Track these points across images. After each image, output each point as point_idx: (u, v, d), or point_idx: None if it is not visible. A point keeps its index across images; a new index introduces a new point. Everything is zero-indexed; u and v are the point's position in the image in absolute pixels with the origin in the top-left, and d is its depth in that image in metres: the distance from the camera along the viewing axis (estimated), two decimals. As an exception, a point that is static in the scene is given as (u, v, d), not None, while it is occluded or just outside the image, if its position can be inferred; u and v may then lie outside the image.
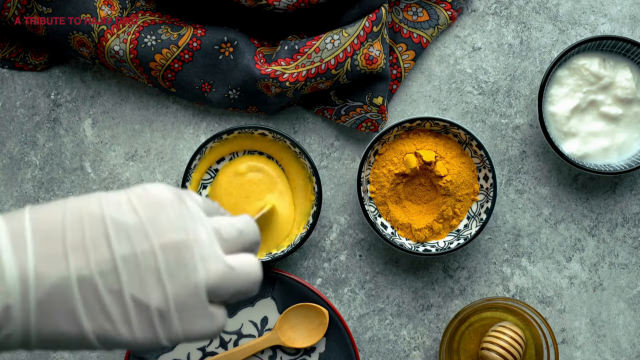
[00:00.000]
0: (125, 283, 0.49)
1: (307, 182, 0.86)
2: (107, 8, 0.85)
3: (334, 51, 0.83)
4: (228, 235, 0.53)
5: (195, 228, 0.51)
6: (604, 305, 0.88)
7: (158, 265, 0.50)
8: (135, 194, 0.52)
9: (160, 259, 0.50)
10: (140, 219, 0.50)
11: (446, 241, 0.85)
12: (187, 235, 0.51)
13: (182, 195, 0.53)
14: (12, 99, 0.88)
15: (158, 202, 0.51)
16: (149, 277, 0.49)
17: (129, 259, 0.49)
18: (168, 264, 0.50)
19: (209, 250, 0.51)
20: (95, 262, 0.49)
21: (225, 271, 0.51)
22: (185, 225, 0.51)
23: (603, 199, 0.88)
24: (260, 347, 0.85)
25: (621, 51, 0.84)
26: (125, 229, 0.50)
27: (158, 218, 0.51)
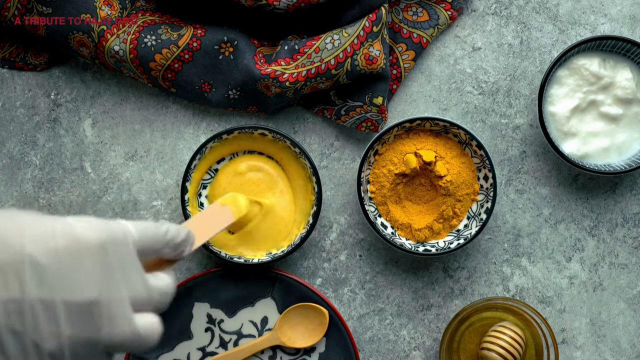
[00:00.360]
0: (27, 326, 0.48)
1: (307, 182, 0.86)
2: (107, 8, 0.85)
3: (334, 51, 0.83)
4: (141, 299, 0.53)
5: (109, 285, 0.51)
6: (604, 305, 0.88)
7: (62, 316, 0.49)
8: (62, 233, 0.50)
9: (65, 313, 0.49)
10: (59, 266, 0.49)
11: (446, 241, 0.85)
12: (99, 293, 0.51)
13: (110, 240, 0.52)
14: (12, 99, 0.88)
15: (80, 249, 0.51)
16: (51, 326, 0.49)
17: (35, 306, 0.49)
18: (73, 319, 0.50)
19: (117, 312, 0.51)
20: (3, 301, 0.48)
21: (130, 335, 0.52)
22: (98, 281, 0.51)
23: (603, 199, 0.88)
24: (260, 347, 0.85)
25: (621, 51, 0.84)
26: (41, 274, 0.49)
27: (76, 269, 0.50)
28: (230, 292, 0.86)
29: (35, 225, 0.50)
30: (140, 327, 0.53)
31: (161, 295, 0.55)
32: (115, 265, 0.52)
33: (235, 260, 0.84)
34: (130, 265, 0.53)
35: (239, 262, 0.84)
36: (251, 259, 0.84)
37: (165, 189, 0.88)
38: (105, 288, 0.51)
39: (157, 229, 0.57)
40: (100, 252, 0.51)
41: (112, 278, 0.51)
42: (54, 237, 0.50)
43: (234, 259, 0.84)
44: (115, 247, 0.52)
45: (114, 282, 0.52)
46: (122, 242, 0.53)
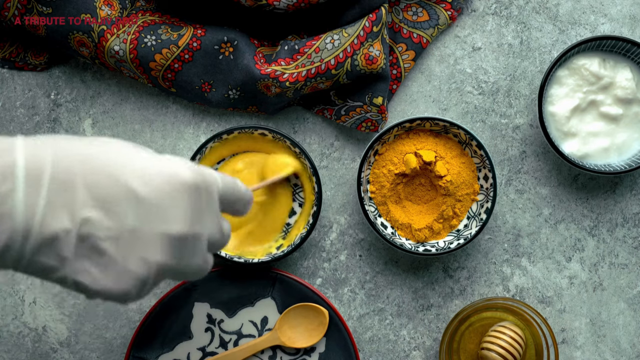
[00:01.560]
0: (121, 251, 0.53)
1: (307, 182, 0.86)
2: (107, 8, 0.85)
3: (334, 51, 0.83)
4: (215, 238, 0.59)
5: (196, 223, 0.56)
6: (604, 305, 0.88)
7: (153, 245, 0.54)
8: (160, 169, 0.55)
9: (156, 242, 0.54)
10: (156, 200, 0.54)
11: (446, 241, 0.85)
12: (188, 229, 0.55)
13: (203, 183, 0.57)
14: (12, 99, 0.88)
15: (178, 186, 0.55)
16: (142, 252, 0.54)
17: (133, 234, 0.53)
18: (162, 248, 0.54)
19: (198, 247, 0.57)
20: (102, 227, 0.52)
21: (200, 267, 0.58)
22: (190, 218, 0.55)
23: (603, 199, 0.88)
24: (260, 347, 0.85)
25: (621, 51, 0.84)
26: (141, 206, 0.53)
27: (172, 203, 0.54)
28: (230, 292, 0.86)
29: (135, 159, 0.54)
30: (208, 261, 0.59)
31: (227, 235, 0.61)
32: (203, 205, 0.57)
33: (235, 260, 0.84)
34: (214, 208, 0.58)
35: (239, 262, 0.84)
36: (251, 259, 0.84)
37: (165, 189, 0.88)
38: (193, 224, 0.56)
39: (234, 184, 0.62)
40: (194, 192, 0.56)
41: (199, 216, 0.56)
42: (154, 172, 0.54)
43: (234, 259, 0.84)
44: (206, 190, 0.57)
45: (201, 221, 0.57)
46: (212, 186, 0.58)
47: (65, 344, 0.88)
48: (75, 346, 0.88)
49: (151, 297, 0.87)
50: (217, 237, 0.59)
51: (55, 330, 0.88)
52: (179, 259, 0.56)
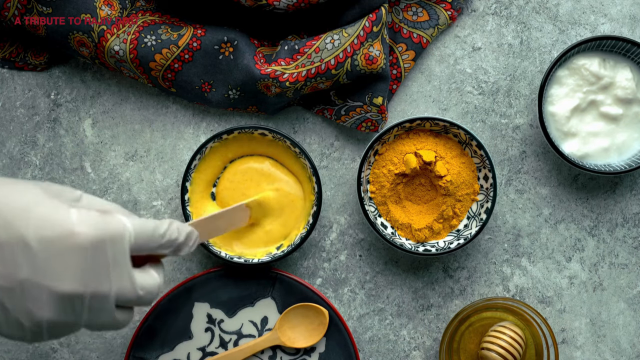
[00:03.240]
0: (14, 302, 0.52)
1: (307, 182, 0.86)
2: (107, 8, 0.85)
3: (334, 51, 0.83)
4: (127, 297, 0.57)
5: (97, 281, 0.54)
6: (604, 305, 0.88)
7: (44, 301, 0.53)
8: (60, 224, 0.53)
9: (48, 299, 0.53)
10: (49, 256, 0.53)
11: (446, 241, 0.85)
12: (83, 287, 0.54)
13: (107, 237, 0.54)
14: (12, 99, 0.88)
15: (74, 244, 0.53)
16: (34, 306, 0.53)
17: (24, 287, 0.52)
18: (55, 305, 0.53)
19: (100, 305, 0.55)
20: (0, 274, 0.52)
21: (108, 324, 0.57)
22: (86, 277, 0.54)
23: (603, 199, 0.88)
24: (260, 347, 0.85)
25: (621, 51, 0.84)
26: (33, 260, 0.52)
27: (64, 261, 0.53)
28: (230, 292, 0.86)
29: (38, 211, 0.53)
30: (120, 318, 0.57)
31: (146, 293, 0.58)
32: (106, 262, 0.55)
33: (235, 260, 0.84)
34: (121, 262, 0.56)
35: (239, 262, 0.84)
36: (251, 259, 0.84)
37: (165, 189, 0.88)
38: (90, 283, 0.54)
39: (155, 230, 0.59)
40: (92, 249, 0.54)
41: (100, 273, 0.54)
42: (52, 227, 0.53)
43: (234, 259, 0.84)
44: (109, 244, 0.55)
45: (102, 278, 0.55)
46: (118, 241, 0.55)
47: (65, 344, 0.88)
48: (75, 346, 0.88)
49: (151, 297, 0.87)
50: (130, 295, 0.56)
51: (55, 330, 0.88)
52: (75, 317, 0.54)
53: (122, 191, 0.88)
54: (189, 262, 0.88)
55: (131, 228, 0.56)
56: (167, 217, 0.88)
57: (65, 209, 0.54)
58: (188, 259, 0.88)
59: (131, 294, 0.56)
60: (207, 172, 0.86)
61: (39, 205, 0.53)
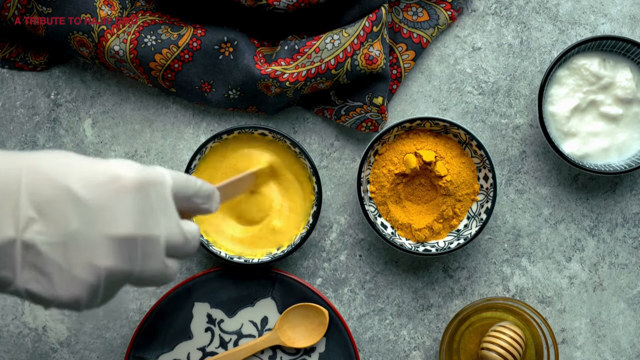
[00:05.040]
0: (69, 257, 0.51)
1: (307, 182, 0.86)
2: (107, 8, 0.85)
3: (334, 51, 0.83)
4: (175, 241, 0.56)
5: (147, 224, 0.54)
6: (604, 305, 0.88)
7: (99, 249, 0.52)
8: (103, 171, 0.53)
9: (103, 246, 0.52)
10: (99, 202, 0.52)
11: (446, 241, 0.85)
12: (135, 230, 0.53)
13: (149, 181, 0.55)
14: (12, 99, 0.88)
15: (121, 187, 0.53)
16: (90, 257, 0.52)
17: (77, 238, 0.51)
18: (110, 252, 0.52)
19: (152, 250, 0.54)
20: (46, 233, 0.51)
21: (158, 272, 0.55)
22: (137, 219, 0.53)
23: (603, 199, 0.88)
24: (260, 347, 0.85)
25: (621, 51, 0.84)
26: (84, 209, 0.52)
27: (116, 204, 0.53)
28: (230, 292, 0.86)
29: (78, 163, 0.53)
30: (169, 265, 0.56)
31: (192, 238, 0.58)
32: (152, 205, 0.55)
33: (235, 260, 0.84)
34: (166, 207, 0.56)
35: (239, 262, 0.84)
36: (251, 259, 0.84)
37: (165, 189, 0.88)
38: (142, 226, 0.54)
39: (188, 177, 0.60)
40: (138, 191, 0.54)
41: (149, 217, 0.54)
42: (95, 174, 0.53)
43: (234, 259, 0.84)
44: (153, 188, 0.55)
45: (151, 221, 0.54)
46: (160, 183, 0.56)
47: (65, 344, 0.88)
48: (75, 346, 0.88)
49: (151, 297, 0.87)
50: (178, 239, 0.57)
51: (55, 330, 0.88)
52: (130, 263, 0.53)
53: (122, 191, 0.88)
54: (189, 262, 0.88)
55: (168, 174, 0.57)
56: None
57: (103, 160, 0.54)
58: (188, 259, 0.88)
59: (179, 237, 0.56)
60: (207, 172, 0.86)
61: (76, 159, 0.53)
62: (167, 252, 0.56)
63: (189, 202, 0.60)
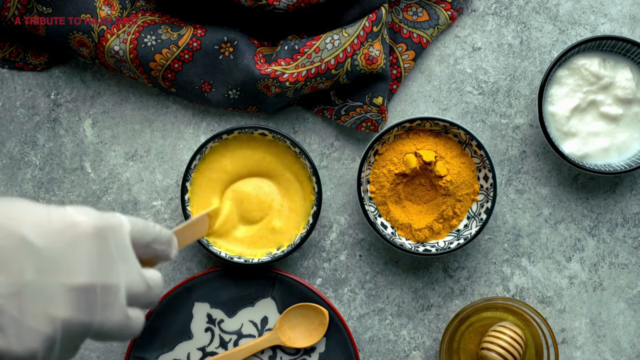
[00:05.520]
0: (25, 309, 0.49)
1: (307, 182, 0.86)
2: (107, 8, 0.85)
3: (334, 51, 0.83)
4: (136, 289, 0.54)
5: (106, 272, 0.52)
6: (604, 305, 0.88)
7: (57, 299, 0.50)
8: (58, 218, 0.51)
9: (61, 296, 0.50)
10: (55, 250, 0.50)
11: (446, 241, 0.85)
12: (94, 278, 0.51)
13: (107, 227, 0.53)
14: (12, 99, 0.88)
15: (78, 234, 0.51)
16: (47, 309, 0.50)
17: (32, 288, 0.49)
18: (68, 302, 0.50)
19: (112, 299, 0.52)
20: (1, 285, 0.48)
21: (121, 323, 0.53)
22: (95, 267, 0.51)
23: (603, 199, 0.88)
24: (260, 347, 0.85)
25: (621, 51, 0.84)
26: (39, 257, 0.50)
27: (72, 252, 0.51)
28: (230, 292, 0.86)
29: (31, 211, 0.51)
30: (132, 316, 0.54)
31: (155, 285, 0.56)
32: (111, 252, 0.53)
33: (235, 260, 0.84)
34: (126, 253, 0.54)
35: (239, 262, 0.84)
36: (251, 259, 0.84)
37: (165, 189, 0.88)
38: (101, 274, 0.52)
39: (146, 223, 0.58)
40: (96, 238, 0.52)
41: (108, 264, 0.52)
42: (50, 222, 0.51)
43: (234, 259, 0.84)
44: (111, 235, 0.53)
45: (110, 269, 0.52)
46: (118, 229, 0.54)
47: (65, 344, 0.88)
48: (75, 346, 0.88)
49: (151, 297, 0.87)
50: (139, 288, 0.54)
51: (55, 330, 0.88)
52: (89, 314, 0.51)
53: (122, 191, 0.88)
54: (189, 262, 0.88)
55: (127, 220, 0.55)
56: (167, 217, 0.88)
57: (58, 207, 0.52)
58: (188, 259, 0.88)
59: (140, 285, 0.54)
60: (207, 173, 0.86)
61: (29, 206, 0.51)
62: (129, 302, 0.54)
63: (148, 249, 0.58)
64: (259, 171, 0.86)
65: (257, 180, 0.86)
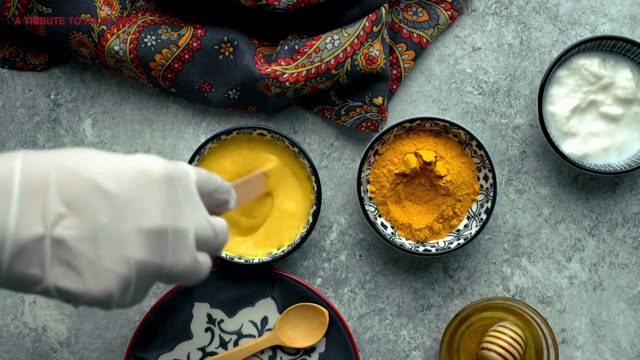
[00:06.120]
0: (100, 251, 0.51)
1: (306, 181, 0.86)
2: (107, 8, 0.85)
3: (334, 51, 0.83)
4: (205, 234, 0.56)
5: (176, 216, 0.54)
6: (604, 305, 0.88)
7: (130, 242, 0.52)
8: (129, 165, 0.53)
9: (134, 239, 0.52)
10: (127, 195, 0.52)
11: (446, 241, 0.85)
12: (166, 222, 0.53)
13: (175, 174, 0.55)
14: (12, 99, 0.88)
15: (149, 179, 0.53)
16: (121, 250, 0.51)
17: (107, 232, 0.51)
18: (141, 244, 0.52)
19: (182, 243, 0.54)
20: (75, 228, 0.50)
21: (190, 266, 0.55)
22: (167, 211, 0.53)
23: (603, 199, 0.88)
24: (260, 347, 0.85)
25: (621, 51, 0.84)
26: (112, 202, 0.52)
27: (144, 197, 0.53)
28: (230, 292, 0.86)
29: (104, 159, 0.53)
30: (200, 260, 0.56)
31: (221, 232, 0.58)
32: (180, 198, 0.54)
33: (236, 260, 0.84)
34: (194, 200, 0.56)
35: (239, 262, 0.84)
36: (251, 259, 0.84)
37: (165, 189, 0.88)
38: (172, 218, 0.54)
39: (209, 173, 0.60)
40: (166, 184, 0.54)
41: (178, 209, 0.54)
42: (122, 169, 0.53)
43: (234, 259, 0.84)
44: (179, 181, 0.55)
45: (180, 213, 0.54)
46: (185, 177, 0.56)
47: (65, 344, 0.88)
48: (75, 346, 0.88)
49: (151, 297, 0.87)
50: (208, 233, 0.57)
51: (55, 330, 0.88)
52: (161, 256, 0.53)
53: (122, 191, 0.88)
54: (189, 262, 0.88)
55: (192, 169, 0.57)
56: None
57: (129, 155, 0.54)
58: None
59: (208, 231, 0.56)
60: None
61: (102, 154, 0.53)
62: (198, 246, 0.56)
63: (211, 198, 0.60)
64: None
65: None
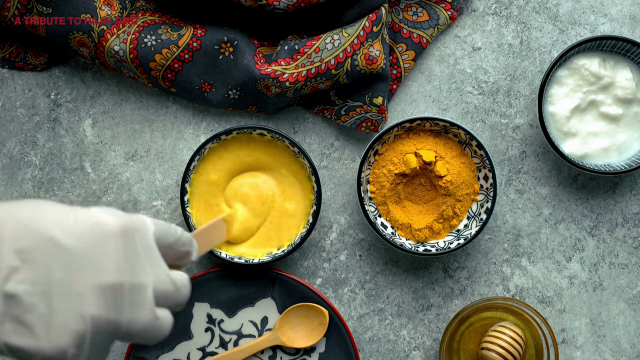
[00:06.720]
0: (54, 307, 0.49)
1: (306, 181, 0.86)
2: (107, 8, 0.85)
3: (334, 51, 0.83)
4: (164, 289, 0.54)
5: (133, 270, 0.52)
6: (604, 305, 0.88)
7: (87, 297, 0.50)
8: (83, 218, 0.52)
9: (90, 294, 0.50)
10: (82, 249, 0.50)
11: (446, 241, 0.85)
12: (122, 277, 0.51)
13: (132, 227, 0.53)
14: (12, 99, 0.88)
15: (104, 233, 0.52)
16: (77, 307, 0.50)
17: (61, 287, 0.49)
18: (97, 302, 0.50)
19: (139, 298, 0.52)
20: (28, 281, 0.49)
21: (149, 323, 0.53)
22: (123, 265, 0.52)
23: (603, 199, 0.88)
24: (260, 347, 0.85)
25: (621, 51, 0.84)
26: (67, 256, 0.50)
27: (99, 251, 0.51)
28: (230, 292, 0.86)
29: (58, 212, 0.51)
30: (159, 315, 0.54)
31: (182, 286, 0.56)
32: (137, 251, 0.53)
33: (236, 260, 0.84)
34: (152, 253, 0.54)
35: (239, 262, 0.84)
36: (251, 259, 0.84)
37: (165, 189, 0.88)
38: (129, 272, 0.52)
39: (169, 225, 0.58)
40: (122, 237, 0.52)
41: (136, 263, 0.52)
42: (76, 222, 0.51)
43: (234, 259, 0.84)
44: (136, 234, 0.53)
45: (137, 267, 0.52)
46: (143, 229, 0.54)
47: (65, 344, 0.88)
48: (75, 346, 0.88)
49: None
50: (167, 287, 0.54)
51: (55, 330, 0.88)
52: (117, 312, 0.51)
53: (122, 191, 0.88)
54: (189, 262, 0.88)
55: (150, 221, 0.55)
56: (167, 217, 0.88)
57: (84, 208, 0.53)
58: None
59: (168, 285, 0.54)
60: (207, 174, 0.86)
61: (56, 207, 0.52)
62: (157, 302, 0.54)
63: (172, 250, 0.58)
64: (258, 169, 0.86)
65: (253, 174, 0.86)
